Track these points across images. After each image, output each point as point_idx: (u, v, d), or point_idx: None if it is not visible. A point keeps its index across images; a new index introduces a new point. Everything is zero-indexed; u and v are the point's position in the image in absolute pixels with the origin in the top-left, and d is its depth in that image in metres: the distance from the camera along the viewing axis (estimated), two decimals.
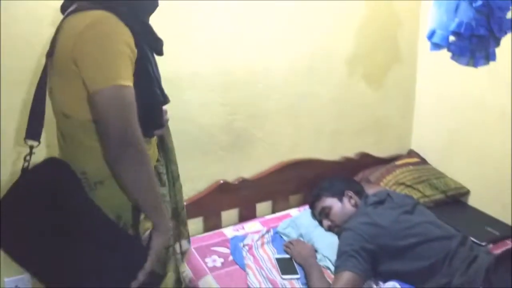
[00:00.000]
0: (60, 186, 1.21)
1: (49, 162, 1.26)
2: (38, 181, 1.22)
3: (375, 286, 1.71)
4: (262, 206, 2.33)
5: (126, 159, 1.16)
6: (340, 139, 2.48)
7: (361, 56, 2.38)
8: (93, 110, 1.16)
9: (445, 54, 1.92)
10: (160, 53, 1.31)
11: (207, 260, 1.92)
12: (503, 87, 2.15)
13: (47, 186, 1.21)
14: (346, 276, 1.61)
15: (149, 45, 1.25)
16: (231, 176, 2.21)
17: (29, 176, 1.24)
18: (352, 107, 2.46)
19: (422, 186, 2.30)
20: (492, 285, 1.49)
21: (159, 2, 1.32)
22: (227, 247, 2.00)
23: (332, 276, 1.70)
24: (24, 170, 1.26)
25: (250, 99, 2.17)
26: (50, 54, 1.25)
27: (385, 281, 1.72)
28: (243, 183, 2.22)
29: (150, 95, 1.26)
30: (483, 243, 1.97)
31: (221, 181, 2.17)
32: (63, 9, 1.26)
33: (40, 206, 1.19)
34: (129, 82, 1.13)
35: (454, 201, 2.35)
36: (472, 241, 1.80)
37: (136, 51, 1.17)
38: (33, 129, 1.28)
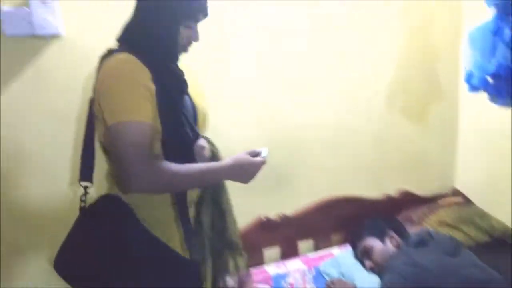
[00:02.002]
0: (115, 220, 1.32)
1: (104, 199, 1.37)
2: (96, 218, 1.35)
3: None
4: (304, 244, 2.34)
5: (138, 185, 1.23)
6: (380, 175, 2.48)
7: (401, 90, 2.39)
8: None
9: None
10: (182, 91, 1.36)
11: None
12: None
13: (103, 221, 1.33)
14: None
15: (169, 84, 1.31)
16: (272, 212, 2.24)
17: (87, 214, 1.37)
18: (393, 143, 2.46)
19: (466, 227, 2.26)
20: None
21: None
22: (270, 285, 2.03)
23: None
24: (82, 209, 1.39)
25: (290, 135, 2.20)
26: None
27: None
28: (285, 220, 2.25)
29: (170, 129, 1.31)
30: None
31: (263, 218, 2.21)
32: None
33: (100, 240, 1.32)
34: (134, 117, 1.21)
35: (499, 243, 2.29)
36: None
37: (153, 87, 1.26)
38: (86, 171, 1.41)
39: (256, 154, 1.43)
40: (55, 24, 1.68)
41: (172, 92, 1.30)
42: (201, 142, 1.42)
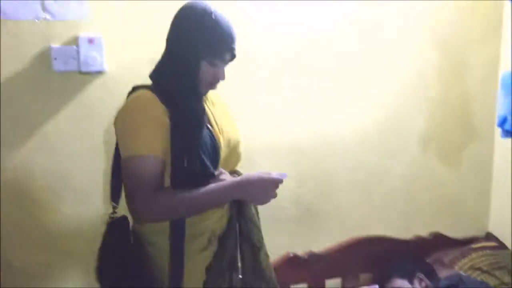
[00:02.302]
0: (116, 238, 1.44)
1: (119, 219, 1.48)
2: (110, 233, 1.47)
3: None
4: (332, 282, 2.31)
5: (143, 216, 1.34)
6: (412, 217, 2.44)
7: (433, 132, 2.38)
8: None
9: None
10: (198, 128, 1.35)
11: None
12: None
13: (112, 237, 1.45)
14: None
15: (185, 120, 1.32)
16: (300, 249, 2.24)
17: (109, 229, 1.48)
18: (425, 184, 2.43)
19: (500, 273, 2.20)
20: None
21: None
22: None
23: None
24: (108, 225, 1.49)
25: (319, 173, 2.22)
26: None
27: None
28: (313, 257, 2.24)
29: (179, 164, 1.31)
30: None
31: (291, 254, 2.21)
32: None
33: (112, 253, 1.43)
34: (141, 151, 1.27)
35: None
36: None
37: (167, 122, 1.30)
38: (114, 194, 1.50)
39: None
40: (100, 61, 1.79)
41: (186, 128, 1.32)
42: (224, 176, 1.42)
